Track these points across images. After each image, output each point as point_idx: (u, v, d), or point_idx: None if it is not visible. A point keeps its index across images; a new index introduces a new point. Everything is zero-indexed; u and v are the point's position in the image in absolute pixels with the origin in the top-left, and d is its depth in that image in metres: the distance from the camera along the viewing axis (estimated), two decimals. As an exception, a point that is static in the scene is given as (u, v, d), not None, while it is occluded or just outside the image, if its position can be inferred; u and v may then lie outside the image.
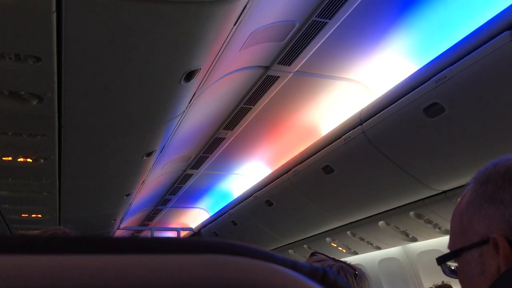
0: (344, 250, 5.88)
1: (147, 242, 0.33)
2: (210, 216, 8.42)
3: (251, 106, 4.55)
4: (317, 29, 3.30)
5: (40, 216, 6.10)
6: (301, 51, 3.59)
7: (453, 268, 0.89)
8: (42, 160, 3.93)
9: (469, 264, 0.82)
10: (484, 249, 0.78)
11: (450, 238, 0.90)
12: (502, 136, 3.01)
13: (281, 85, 4.14)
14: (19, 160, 3.91)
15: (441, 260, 0.89)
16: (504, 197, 0.78)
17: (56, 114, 3.06)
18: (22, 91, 2.73)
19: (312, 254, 1.54)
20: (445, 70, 2.92)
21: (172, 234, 9.36)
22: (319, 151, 4.42)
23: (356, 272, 1.42)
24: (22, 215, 6.02)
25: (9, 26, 2.11)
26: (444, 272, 0.91)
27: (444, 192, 3.87)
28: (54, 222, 6.44)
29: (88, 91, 2.83)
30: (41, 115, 3.06)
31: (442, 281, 4.43)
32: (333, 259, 1.48)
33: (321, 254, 1.54)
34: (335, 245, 5.87)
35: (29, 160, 3.93)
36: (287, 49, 3.56)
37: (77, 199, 5.47)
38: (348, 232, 5.38)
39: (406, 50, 3.61)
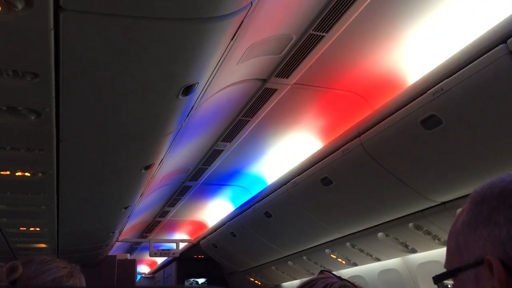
0: (343, 262, 5.85)
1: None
2: (209, 228, 8.39)
3: (249, 118, 4.56)
4: (314, 42, 3.32)
5: (38, 229, 6.07)
6: (299, 64, 3.60)
7: (449, 286, 0.89)
8: (40, 174, 3.92)
9: (465, 285, 0.81)
10: (479, 270, 0.78)
11: (446, 257, 0.90)
12: (500, 147, 3.01)
13: (279, 97, 4.15)
14: (17, 174, 3.90)
15: (437, 279, 0.89)
16: (499, 218, 0.78)
17: (54, 129, 3.06)
18: (20, 106, 2.73)
19: (321, 272, 1.54)
20: (441, 83, 2.94)
21: (171, 246, 9.32)
22: (317, 162, 4.42)
23: None
24: (21, 228, 5.99)
25: (7, 43, 2.12)
26: None
27: (443, 203, 3.87)
28: (52, 235, 6.41)
29: (85, 106, 2.83)
30: (39, 130, 3.06)
31: None
32: (339, 278, 1.47)
33: (329, 272, 1.53)
34: (334, 257, 5.85)
35: (27, 174, 3.92)
36: (285, 62, 3.58)
37: (75, 213, 5.45)
38: (348, 244, 5.36)
39: (402, 62, 3.63)
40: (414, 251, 4.83)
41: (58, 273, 1.42)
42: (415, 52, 3.48)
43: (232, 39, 2.58)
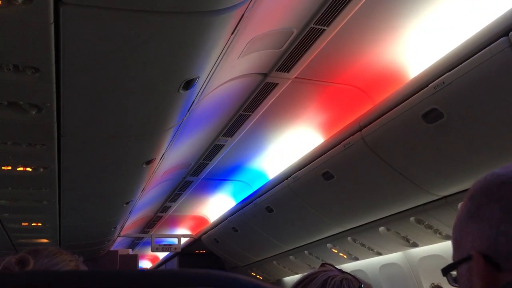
0: (345, 256, 5.86)
1: (136, 276, 0.32)
2: (211, 223, 8.41)
3: (250, 113, 4.56)
4: (315, 36, 3.31)
5: (40, 224, 6.09)
6: (300, 58, 3.59)
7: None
8: (41, 169, 3.93)
9: (462, 278, 0.83)
10: (470, 264, 0.79)
11: (452, 250, 0.91)
12: (501, 141, 3.01)
13: (280, 92, 4.15)
14: (18, 169, 3.90)
15: (444, 271, 0.90)
16: (484, 214, 0.78)
17: (55, 124, 3.06)
18: (21, 101, 2.74)
19: (322, 265, 1.55)
20: (443, 76, 2.93)
21: (172, 241, 9.34)
22: (319, 157, 4.41)
23: (362, 286, 1.40)
24: (22, 224, 6.01)
25: (8, 37, 2.11)
26: (449, 282, 0.92)
27: (444, 197, 3.87)
28: (54, 230, 6.43)
29: (86, 100, 2.83)
30: (40, 125, 3.06)
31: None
32: (340, 270, 1.48)
33: (330, 265, 1.53)
34: (336, 251, 5.86)
35: (28, 169, 3.92)
36: (286, 56, 3.57)
37: (77, 208, 5.46)
38: (349, 238, 5.36)
39: (403, 56, 3.62)
40: (415, 245, 4.83)
41: (67, 267, 1.43)
42: (416, 46, 3.47)
43: (232, 33, 2.57)
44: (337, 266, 1.53)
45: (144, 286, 0.30)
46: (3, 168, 3.86)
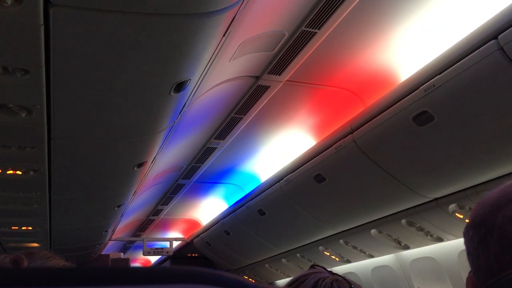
0: (337, 259, 5.86)
1: (119, 273, 0.32)
2: (203, 226, 8.38)
3: (242, 116, 4.55)
4: (307, 39, 3.32)
5: (30, 228, 6.04)
6: (291, 61, 3.60)
7: None
8: (31, 173, 3.90)
9: None
10: None
11: None
12: (492, 143, 3.03)
13: (271, 95, 4.15)
14: (8, 172, 3.87)
15: None
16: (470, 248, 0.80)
17: (45, 126, 3.04)
18: (11, 103, 2.72)
19: (312, 267, 1.54)
20: (433, 79, 2.95)
21: (164, 245, 9.30)
22: (311, 160, 4.42)
23: (352, 287, 1.40)
24: (13, 227, 5.96)
25: (-3, 39, 2.10)
26: None
27: (436, 199, 3.89)
28: (45, 234, 6.37)
29: (77, 103, 2.82)
30: (30, 127, 3.04)
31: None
32: (330, 272, 1.47)
33: (320, 266, 1.52)
34: (328, 254, 5.86)
35: (18, 172, 3.89)
36: (277, 59, 3.57)
37: (68, 211, 5.42)
38: (341, 241, 5.37)
39: (394, 59, 3.63)
40: (407, 247, 4.84)
41: None
42: (407, 49, 3.49)
43: (224, 35, 2.57)
44: (329, 269, 1.52)
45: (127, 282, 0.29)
46: (-7, 171, 3.83)
